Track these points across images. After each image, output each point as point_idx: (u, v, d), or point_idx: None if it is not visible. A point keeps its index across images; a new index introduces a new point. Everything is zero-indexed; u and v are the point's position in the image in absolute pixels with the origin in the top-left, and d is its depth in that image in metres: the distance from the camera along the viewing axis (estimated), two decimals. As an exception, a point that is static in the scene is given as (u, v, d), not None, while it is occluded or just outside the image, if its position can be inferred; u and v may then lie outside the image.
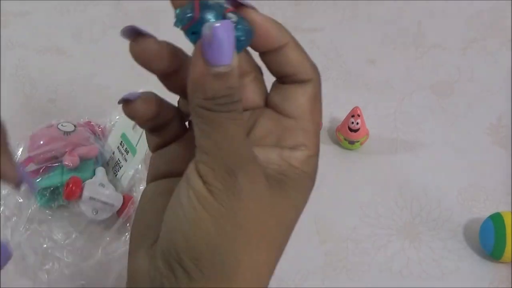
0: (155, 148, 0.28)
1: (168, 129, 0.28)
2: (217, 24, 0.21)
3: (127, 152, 0.50)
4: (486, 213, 0.48)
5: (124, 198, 0.48)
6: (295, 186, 0.25)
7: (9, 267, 0.47)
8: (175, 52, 0.26)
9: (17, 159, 0.50)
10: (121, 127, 0.52)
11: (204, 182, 0.22)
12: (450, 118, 0.60)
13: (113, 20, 0.73)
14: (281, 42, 0.25)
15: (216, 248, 0.22)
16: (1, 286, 0.46)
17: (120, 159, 0.51)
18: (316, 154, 0.26)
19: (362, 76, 0.64)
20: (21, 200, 0.49)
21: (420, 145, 0.57)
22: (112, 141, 0.53)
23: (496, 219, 0.46)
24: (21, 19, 0.74)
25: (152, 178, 0.28)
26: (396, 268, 0.47)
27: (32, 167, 0.49)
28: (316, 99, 0.26)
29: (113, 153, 0.52)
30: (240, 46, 0.23)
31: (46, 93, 0.63)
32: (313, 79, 0.26)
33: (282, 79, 0.26)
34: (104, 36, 0.71)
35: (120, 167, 0.51)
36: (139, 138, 0.50)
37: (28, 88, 0.64)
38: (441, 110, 0.61)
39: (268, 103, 0.27)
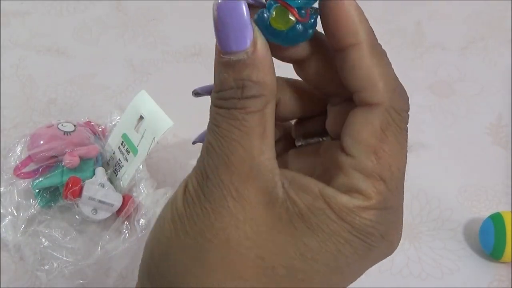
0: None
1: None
2: (219, 2, 0.18)
3: (128, 152, 0.50)
4: (486, 213, 0.48)
5: (124, 198, 0.48)
6: (322, 233, 0.19)
7: (9, 267, 0.47)
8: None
9: (16, 158, 0.50)
10: (122, 127, 0.52)
11: (185, 185, 0.20)
12: (450, 118, 0.60)
13: (113, 20, 0.73)
14: (351, 40, 0.19)
15: (165, 271, 0.19)
16: (1, 286, 0.46)
17: (121, 159, 0.51)
18: (380, 208, 0.19)
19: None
20: (20, 200, 0.49)
21: (420, 145, 0.57)
22: (113, 141, 0.53)
23: (496, 219, 0.46)
24: (21, 19, 0.74)
25: None
26: (396, 268, 0.47)
27: (32, 166, 0.49)
28: (387, 134, 0.19)
29: (114, 153, 0.52)
30: (291, 33, 0.19)
31: (46, 93, 0.63)
32: (384, 104, 0.19)
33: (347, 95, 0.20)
34: (104, 36, 0.71)
35: (121, 167, 0.51)
36: (140, 138, 0.50)
37: (28, 88, 0.64)
38: (441, 110, 0.61)
39: (326, 123, 0.22)
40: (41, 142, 0.49)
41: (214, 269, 0.19)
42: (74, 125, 0.52)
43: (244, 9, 0.18)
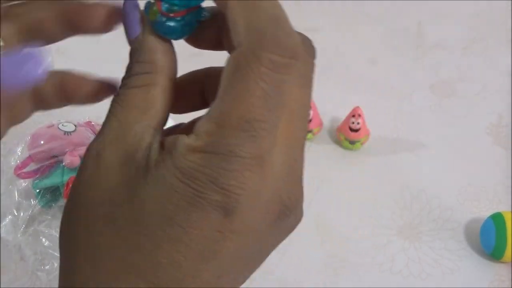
0: None
1: None
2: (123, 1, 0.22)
3: (127, 152, 0.50)
4: (486, 213, 0.48)
5: (124, 198, 0.48)
6: (151, 180, 0.19)
7: (9, 267, 0.47)
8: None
9: (16, 158, 0.50)
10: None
11: None
12: (450, 118, 0.60)
13: (113, 20, 0.73)
14: None
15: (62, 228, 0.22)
16: (1, 286, 0.46)
17: (120, 159, 0.51)
18: (207, 151, 0.18)
19: (362, 76, 0.64)
20: (20, 200, 0.49)
21: (420, 145, 0.57)
22: (112, 141, 0.53)
23: (497, 219, 0.46)
24: (21, 19, 0.74)
25: None
26: (396, 268, 0.47)
27: (32, 166, 0.49)
28: (236, 77, 0.18)
29: (113, 153, 0.52)
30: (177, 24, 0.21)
31: (46, 93, 0.63)
32: (241, 45, 0.18)
33: None
34: (104, 36, 0.71)
35: (120, 167, 0.51)
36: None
37: (28, 88, 0.64)
38: (441, 110, 0.61)
39: None
40: (42, 142, 0.49)
41: (78, 226, 0.20)
42: (75, 125, 0.52)
43: (132, 5, 0.22)
